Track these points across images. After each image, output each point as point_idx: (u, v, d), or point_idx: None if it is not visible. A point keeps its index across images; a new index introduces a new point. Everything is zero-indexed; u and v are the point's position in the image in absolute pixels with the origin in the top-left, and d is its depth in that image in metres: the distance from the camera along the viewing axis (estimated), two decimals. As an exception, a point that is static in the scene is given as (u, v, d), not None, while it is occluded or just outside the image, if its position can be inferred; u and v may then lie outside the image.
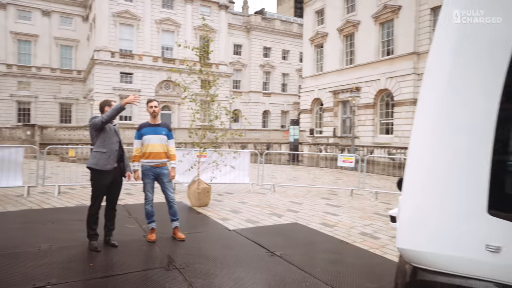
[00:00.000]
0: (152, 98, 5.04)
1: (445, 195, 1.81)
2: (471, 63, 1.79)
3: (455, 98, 1.81)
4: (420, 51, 22.23)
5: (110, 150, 4.35)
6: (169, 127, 5.10)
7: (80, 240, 4.65)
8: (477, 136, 1.72)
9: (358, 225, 5.91)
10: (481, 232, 1.71)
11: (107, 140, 4.35)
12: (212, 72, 7.76)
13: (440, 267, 1.83)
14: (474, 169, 1.73)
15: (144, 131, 4.87)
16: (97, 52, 32.88)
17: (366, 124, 25.17)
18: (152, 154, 4.81)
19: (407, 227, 1.96)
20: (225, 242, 4.83)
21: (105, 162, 4.31)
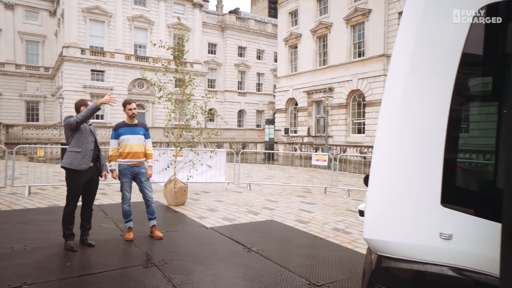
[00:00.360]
0: (130, 100, 5.05)
1: (404, 189, 2.01)
2: (427, 67, 2.00)
3: (412, 100, 2.01)
4: (390, 53, 23.05)
5: (85, 150, 4.33)
6: (146, 127, 5.14)
7: (55, 240, 4.60)
8: (431, 136, 1.93)
9: (331, 221, 6.16)
10: (435, 222, 1.92)
11: (82, 140, 4.34)
12: (188, 72, 7.78)
13: (401, 255, 2.03)
14: (429, 166, 1.94)
15: (121, 131, 4.88)
16: (66, 48, 31.78)
17: (339, 124, 25.84)
18: (131, 154, 4.83)
19: (372, 219, 2.16)
20: (202, 239, 4.93)
21: (79, 162, 4.30)
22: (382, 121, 2.15)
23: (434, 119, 1.94)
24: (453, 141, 1.92)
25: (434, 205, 1.92)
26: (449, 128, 1.89)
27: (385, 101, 2.16)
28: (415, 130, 1.98)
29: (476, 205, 1.89)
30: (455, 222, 1.87)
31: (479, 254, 1.82)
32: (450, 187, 1.91)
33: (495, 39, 1.88)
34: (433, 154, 1.92)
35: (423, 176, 1.95)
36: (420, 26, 2.03)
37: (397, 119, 2.05)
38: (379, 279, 2.12)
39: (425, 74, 2.00)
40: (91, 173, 4.49)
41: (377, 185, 2.13)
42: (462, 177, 2.00)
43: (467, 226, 1.85)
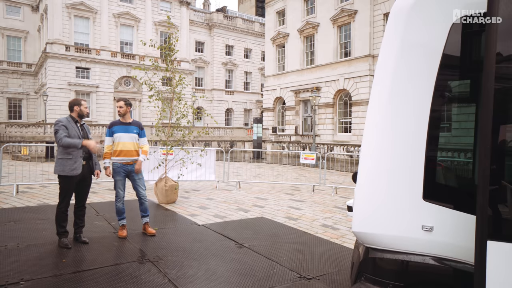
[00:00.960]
0: (119, 98, 5.10)
1: (389, 185, 2.18)
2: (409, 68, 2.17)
3: (396, 101, 2.18)
4: (375, 54, 23.51)
5: (76, 156, 4.36)
6: (141, 126, 5.19)
7: (48, 238, 4.64)
8: (414, 135, 2.10)
9: (319, 218, 6.35)
10: (418, 216, 2.10)
11: (72, 148, 4.35)
12: (177, 70, 7.84)
13: (387, 246, 2.21)
14: (412, 164, 2.11)
15: (115, 129, 4.95)
16: (50, 45, 31.15)
17: (326, 123, 26.19)
18: (123, 151, 4.90)
19: (360, 214, 2.32)
20: (195, 236, 5.04)
21: (71, 168, 4.33)
22: (368, 121, 2.31)
23: (416, 119, 2.11)
24: (434, 140, 2.10)
25: (417, 200, 2.09)
26: (430, 128, 2.06)
27: (372, 101, 2.33)
28: (400, 130, 2.15)
29: (455, 199, 2.07)
30: (436, 216, 2.05)
31: (458, 244, 2.01)
32: (431, 183, 2.09)
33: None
34: (416, 152, 2.09)
35: (407, 173, 2.13)
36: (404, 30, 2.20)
37: (382, 119, 2.22)
38: (367, 269, 2.29)
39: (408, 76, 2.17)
40: (84, 171, 4.53)
41: (365, 182, 2.29)
42: (442, 174, 2.18)
43: (447, 219, 2.03)
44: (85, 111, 4.60)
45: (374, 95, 2.31)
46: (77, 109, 4.54)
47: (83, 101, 4.63)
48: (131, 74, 34.46)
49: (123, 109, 4.98)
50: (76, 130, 4.46)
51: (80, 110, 4.55)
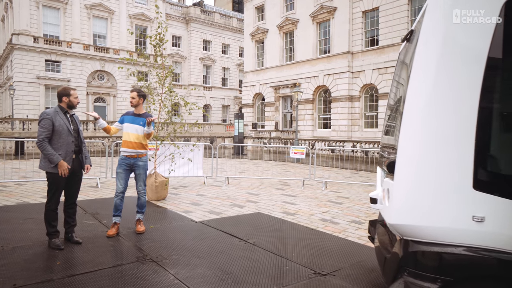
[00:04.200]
0: (133, 89, 4.86)
1: (436, 175, 2.08)
2: (456, 69, 2.07)
3: (444, 89, 2.08)
4: (354, 51, 23.83)
5: (66, 152, 4.03)
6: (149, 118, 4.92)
7: (36, 239, 4.28)
8: (463, 123, 2.01)
9: (316, 212, 6.27)
10: (468, 206, 2.01)
11: (62, 141, 4.02)
12: (167, 63, 7.52)
13: (432, 238, 2.10)
14: (461, 153, 2.02)
15: (125, 118, 4.82)
16: (16, 36, 29.44)
17: (305, 119, 26.31)
18: (126, 143, 4.70)
19: (401, 205, 2.21)
20: (194, 233, 4.81)
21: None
22: (412, 110, 2.19)
23: (466, 106, 2.01)
24: (484, 128, 2.00)
25: (467, 189, 2.00)
26: (480, 115, 1.97)
27: (415, 90, 2.20)
28: (448, 119, 2.05)
29: (508, 188, 1.99)
30: (488, 205, 1.97)
31: (511, 235, 1.93)
32: (482, 172, 2.00)
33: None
34: (466, 141, 2.00)
35: (455, 162, 2.03)
36: (447, 28, 2.09)
37: (429, 107, 2.11)
38: (409, 263, 2.17)
39: (455, 76, 2.06)
40: (73, 166, 4.19)
41: (408, 172, 2.17)
42: (494, 162, 2.10)
43: (499, 209, 1.95)
44: (75, 102, 4.21)
45: (418, 84, 2.18)
46: (66, 100, 4.16)
47: (72, 91, 4.23)
48: (106, 69, 33.23)
49: (135, 100, 4.78)
50: (65, 122, 4.09)
51: (69, 100, 4.16)
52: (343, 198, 7.71)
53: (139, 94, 4.80)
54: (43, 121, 3.98)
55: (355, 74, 23.69)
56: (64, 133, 4.02)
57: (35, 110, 29.35)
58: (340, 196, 8.01)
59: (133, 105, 4.79)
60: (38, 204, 6.26)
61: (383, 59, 21.87)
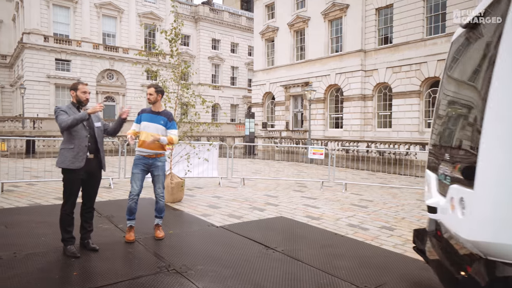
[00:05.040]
0: (151, 85, 4.53)
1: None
2: None
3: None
4: (367, 49, 23.33)
5: (79, 146, 3.73)
6: (171, 117, 4.61)
7: (50, 245, 4.00)
8: None
9: (342, 217, 5.91)
10: None
11: (75, 135, 3.74)
12: (183, 59, 7.23)
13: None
14: None
15: (143, 117, 4.46)
16: (27, 35, 29.49)
17: (317, 118, 25.87)
18: (146, 143, 4.34)
19: (490, 219, 1.85)
20: (217, 239, 4.49)
21: (72, 160, 3.71)
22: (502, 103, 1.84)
23: None
24: None
25: None
26: None
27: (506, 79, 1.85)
28: None
29: None
30: None
31: None
32: None
33: None
34: None
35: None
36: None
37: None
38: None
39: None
40: (91, 166, 3.89)
41: (496, 179, 1.82)
42: None
43: None
44: (83, 97, 3.85)
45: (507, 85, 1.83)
46: (73, 94, 3.86)
47: (80, 85, 3.88)
48: (115, 68, 33.20)
49: (153, 96, 4.44)
50: None
51: (76, 95, 3.84)
52: (367, 201, 7.34)
53: (157, 90, 4.47)
54: (59, 115, 3.71)
55: (368, 72, 23.20)
56: (78, 126, 3.74)
57: (45, 109, 29.39)
58: (362, 199, 7.64)
59: (151, 102, 4.46)
60: (50, 206, 6.01)
61: (397, 58, 21.36)
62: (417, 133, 20.12)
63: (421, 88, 20.11)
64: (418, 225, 5.52)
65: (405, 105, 20.85)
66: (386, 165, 13.57)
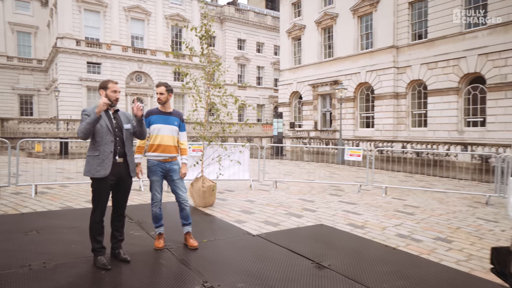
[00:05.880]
0: (159, 83, 4.17)
1: None
2: None
3: None
4: (399, 45, 22.34)
5: (104, 153, 3.47)
6: (182, 117, 4.31)
7: (80, 254, 3.78)
8: None
9: (389, 226, 5.40)
10: None
11: (100, 141, 3.48)
12: (215, 56, 6.93)
13: None
14: None
15: (153, 119, 4.09)
16: (60, 39, 30.46)
17: (346, 118, 25.07)
18: (161, 147, 4.04)
19: None
20: (256, 251, 4.12)
21: (97, 168, 3.45)
22: None
23: None
24: None
25: None
26: None
27: None
28: None
29: None
30: None
31: None
32: None
33: None
34: None
35: None
36: None
37: None
38: None
39: None
40: (120, 170, 3.62)
41: None
42: None
43: None
44: (114, 96, 3.59)
45: None
46: (103, 93, 3.59)
47: (111, 83, 3.61)
48: (143, 70, 33.75)
49: (163, 96, 4.10)
50: (105, 120, 3.53)
51: (106, 95, 3.57)
52: (412, 207, 6.76)
53: (168, 89, 4.12)
54: (82, 117, 3.48)
55: (400, 69, 22.20)
56: (103, 131, 3.48)
57: (78, 111, 30.21)
58: (406, 204, 7.06)
59: (162, 102, 4.10)
60: (81, 209, 5.87)
61: (432, 53, 20.27)
62: (455, 133, 18.99)
63: (459, 84, 18.97)
64: (477, 237, 4.93)
65: (442, 103, 19.74)
66: (426, 167, 12.76)
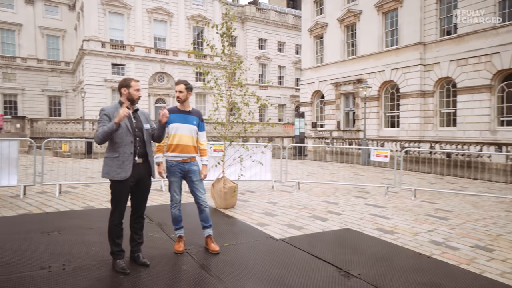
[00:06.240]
0: (179, 81, 4.00)
1: None
2: None
3: None
4: (426, 41, 21.51)
5: (123, 154, 3.35)
6: (201, 116, 4.16)
7: (99, 256, 3.70)
8: None
9: (421, 231, 5.07)
10: None
11: (119, 142, 3.36)
12: (236, 56, 6.78)
13: None
14: None
15: (172, 118, 3.93)
16: (87, 42, 31.29)
17: (370, 117, 24.41)
18: (180, 147, 3.90)
19: None
20: (280, 257, 3.91)
21: (117, 170, 3.33)
22: None
23: None
24: None
25: None
26: None
27: None
28: None
29: None
30: None
31: None
32: None
33: None
34: None
35: None
36: None
37: None
38: None
39: None
40: (140, 171, 3.50)
41: None
42: None
43: None
44: (136, 95, 3.48)
45: None
46: (125, 91, 3.46)
47: (133, 81, 3.49)
48: (166, 70, 34.19)
49: (183, 94, 3.95)
50: (125, 120, 3.40)
51: (128, 93, 3.45)
52: (445, 212, 6.36)
53: (187, 87, 3.96)
54: (100, 117, 3.37)
55: (428, 67, 21.37)
56: (123, 132, 3.36)
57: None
58: (438, 208, 6.66)
59: (182, 100, 3.95)
60: (103, 209, 5.84)
61: (462, 49, 19.37)
62: (488, 132, 18.07)
63: (492, 82, 18.03)
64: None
65: (473, 101, 18.84)
66: (457, 168, 12.14)
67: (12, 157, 6.53)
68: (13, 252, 3.71)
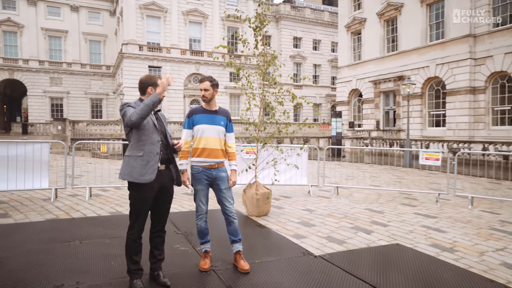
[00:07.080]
0: (203, 78, 3.56)
1: None
2: None
3: None
4: (477, 33, 19.81)
5: (149, 153, 2.96)
6: (229, 116, 3.69)
7: (117, 274, 3.34)
8: None
9: (487, 250, 4.29)
10: None
11: (145, 139, 2.97)
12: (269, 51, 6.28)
13: None
14: None
15: (197, 118, 3.51)
16: (125, 45, 32.22)
17: (413, 116, 22.96)
18: (207, 150, 3.45)
19: None
20: (319, 279, 3.36)
21: (141, 171, 2.93)
22: None
23: None
24: None
25: None
26: None
27: None
28: None
29: None
30: None
31: None
32: None
33: None
34: None
35: None
36: None
37: None
38: None
39: None
40: (163, 179, 3.11)
41: None
42: None
43: None
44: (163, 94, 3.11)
45: None
46: (152, 91, 3.09)
47: (159, 80, 3.10)
48: (201, 71, 34.45)
49: (208, 92, 3.50)
50: (151, 117, 3.05)
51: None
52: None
53: (213, 84, 3.51)
54: (127, 111, 2.95)
55: (478, 61, 19.66)
56: (149, 129, 2.99)
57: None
58: (503, 220, 5.75)
59: (208, 99, 3.51)
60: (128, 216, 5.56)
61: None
62: (551, 132, 16.24)
63: (555, 75, 16.18)
64: None
65: (532, 97, 17.03)
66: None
67: (44, 159, 6.47)
68: (29, 267, 3.45)
